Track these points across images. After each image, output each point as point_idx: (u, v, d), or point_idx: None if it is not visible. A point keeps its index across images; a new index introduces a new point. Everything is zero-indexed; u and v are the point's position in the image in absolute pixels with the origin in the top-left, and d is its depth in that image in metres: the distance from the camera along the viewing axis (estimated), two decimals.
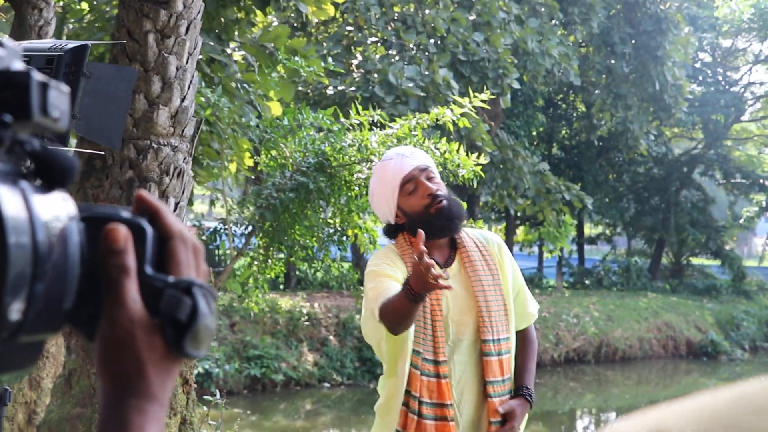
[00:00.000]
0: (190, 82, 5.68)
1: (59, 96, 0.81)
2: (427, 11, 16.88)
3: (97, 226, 0.88)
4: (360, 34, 17.01)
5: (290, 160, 8.27)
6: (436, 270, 3.47)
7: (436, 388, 3.80)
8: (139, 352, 0.89)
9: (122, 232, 0.88)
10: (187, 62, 5.65)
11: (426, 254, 3.43)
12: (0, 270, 0.74)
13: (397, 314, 3.64)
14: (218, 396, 8.12)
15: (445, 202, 3.81)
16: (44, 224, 0.79)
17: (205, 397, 8.07)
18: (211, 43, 8.17)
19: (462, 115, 8.42)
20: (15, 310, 0.76)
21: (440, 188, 3.85)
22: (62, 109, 0.82)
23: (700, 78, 34.18)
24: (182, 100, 5.62)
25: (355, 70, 15.96)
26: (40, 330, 0.81)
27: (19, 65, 0.81)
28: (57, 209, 0.82)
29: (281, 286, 21.13)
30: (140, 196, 0.94)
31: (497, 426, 3.79)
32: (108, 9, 9.31)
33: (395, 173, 3.86)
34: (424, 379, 3.82)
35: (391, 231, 4.01)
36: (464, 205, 4.11)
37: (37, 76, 0.79)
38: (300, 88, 14.61)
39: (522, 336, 4.02)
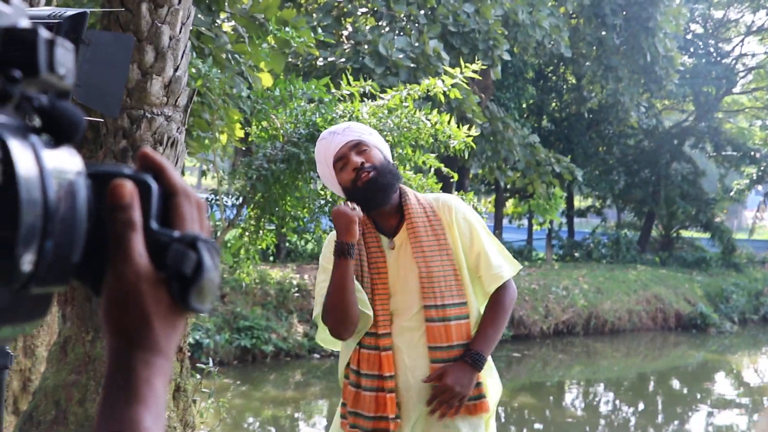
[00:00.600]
0: (183, 51, 5.68)
1: (65, 53, 0.83)
2: None
3: (104, 182, 0.89)
4: (350, 5, 16.95)
5: (281, 131, 8.27)
6: (344, 207, 3.64)
7: (376, 360, 3.86)
8: (145, 305, 0.91)
9: (128, 187, 0.89)
10: (180, 32, 5.65)
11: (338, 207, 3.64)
12: (13, 223, 0.75)
13: (338, 290, 3.73)
14: (211, 364, 8.15)
15: (370, 173, 3.81)
16: (54, 179, 0.80)
17: (198, 364, 8.10)
18: (201, 16, 8.16)
19: (453, 86, 8.43)
20: (27, 262, 0.77)
21: (370, 159, 3.84)
22: (68, 66, 0.83)
23: (692, 50, 34.11)
24: (175, 70, 5.62)
25: (346, 42, 15.93)
26: (50, 282, 0.83)
27: (25, 23, 0.82)
28: (65, 164, 0.84)
29: (271, 258, 21.13)
30: (145, 153, 0.95)
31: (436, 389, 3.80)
32: None
33: (327, 153, 3.91)
34: (363, 352, 3.89)
35: (347, 196, 3.99)
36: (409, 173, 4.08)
37: (44, 33, 0.80)
38: (290, 60, 14.57)
39: (490, 299, 3.97)
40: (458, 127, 7.83)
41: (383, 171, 3.84)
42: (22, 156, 0.77)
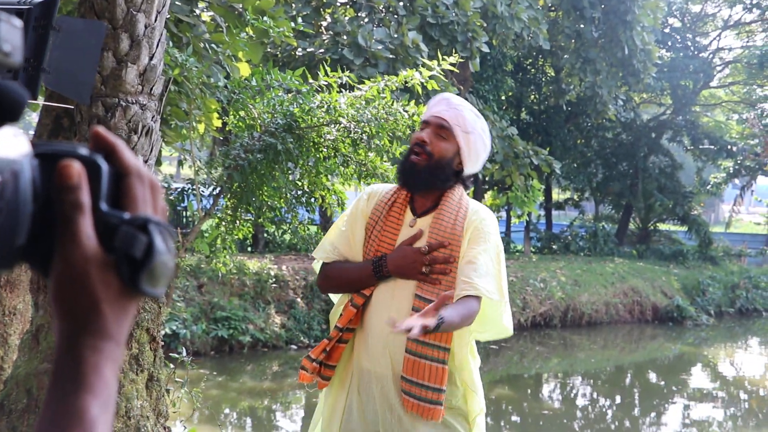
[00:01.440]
0: (159, 40, 5.66)
1: (10, 30, 0.80)
2: None
3: (52, 163, 0.87)
4: None
5: (258, 121, 8.26)
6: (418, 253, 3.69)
7: (347, 315, 3.91)
8: (93, 289, 0.89)
9: (76, 168, 0.87)
10: (155, 20, 5.62)
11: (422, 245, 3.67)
12: None
13: (348, 283, 3.91)
14: (184, 353, 8.13)
15: (420, 157, 3.84)
16: None
17: (171, 354, 8.08)
18: (179, 3, 8.12)
19: (430, 77, 8.42)
20: None
21: (436, 146, 3.84)
22: (14, 43, 0.81)
23: (669, 43, 34.18)
24: (151, 58, 5.59)
25: (324, 32, 15.90)
26: None
27: None
28: (8, 145, 0.82)
29: (249, 249, 21.10)
30: (96, 132, 0.93)
31: (405, 382, 3.77)
32: None
33: (429, 108, 3.97)
34: (350, 309, 3.93)
35: None
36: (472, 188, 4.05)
37: None
38: (268, 50, 14.53)
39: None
40: None
41: (433, 166, 3.85)
42: None
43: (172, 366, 7.67)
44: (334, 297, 4.20)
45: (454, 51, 10.30)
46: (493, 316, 3.97)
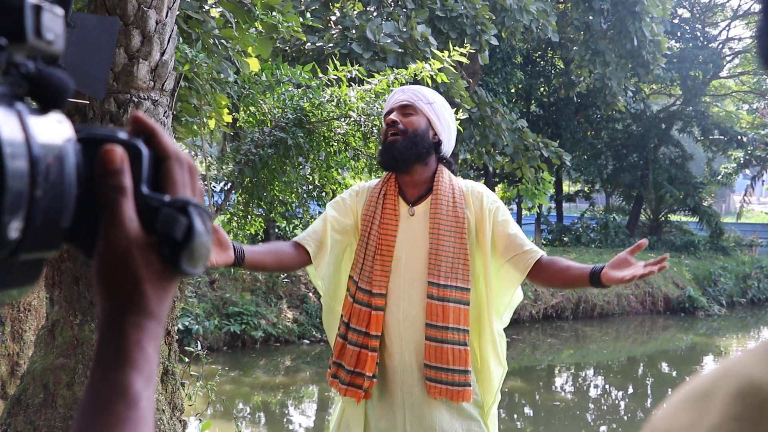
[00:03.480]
0: (170, 36, 5.68)
1: (53, 18, 0.82)
2: None
3: (94, 147, 0.89)
4: None
5: (269, 116, 8.28)
6: None
7: (366, 317, 3.89)
8: (135, 269, 0.91)
9: (118, 152, 0.89)
10: (166, 16, 5.64)
11: None
12: None
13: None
14: (199, 347, 8.15)
15: (396, 136, 3.90)
16: (40, 145, 0.80)
17: (186, 348, 8.10)
18: (188, 0, 8.14)
19: (440, 70, 8.43)
20: (14, 229, 0.78)
21: (407, 123, 3.92)
22: (56, 31, 0.83)
23: (679, 34, 34.10)
24: (162, 54, 5.62)
25: (333, 27, 15.89)
26: (39, 248, 0.83)
27: None
28: (53, 130, 0.84)
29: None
30: (136, 117, 0.95)
31: (430, 369, 3.81)
32: None
33: (387, 104, 4.06)
34: (356, 307, 3.92)
35: None
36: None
37: None
38: (278, 45, 14.54)
39: (548, 272, 3.90)
40: None
41: (410, 139, 3.90)
42: (6, 123, 0.77)
43: (186, 360, 7.70)
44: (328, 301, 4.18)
45: (463, 44, 10.30)
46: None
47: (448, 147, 4.04)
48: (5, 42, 0.79)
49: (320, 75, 8.60)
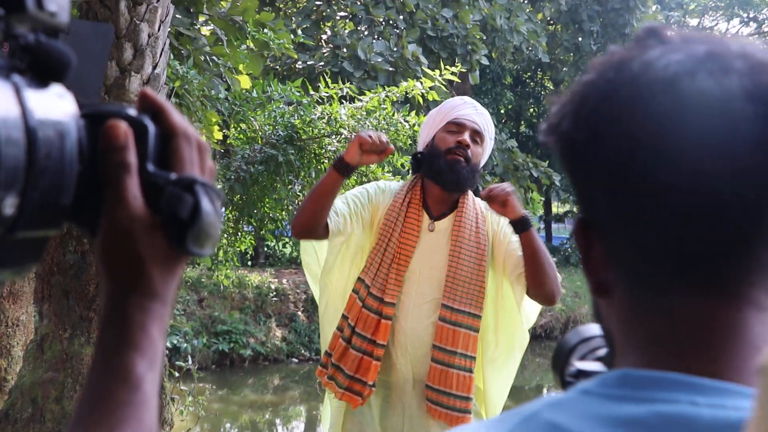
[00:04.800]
0: (162, 49, 5.68)
1: None
2: None
3: (99, 123, 0.86)
4: (329, 9, 16.94)
5: (259, 133, 8.28)
6: (366, 132, 3.54)
7: (374, 324, 3.81)
8: (140, 250, 0.88)
9: (122, 128, 0.86)
10: (158, 30, 5.64)
11: (369, 137, 3.54)
12: None
13: (319, 193, 3.65)
14: (190, 362, 8.12)
15: (462, 159, 3.77)
16: (38, 120, 0.77)
17: (177, 363, 8.07)
18: (179, 17, 8.15)
19: (431, 88, 8.45)
20: (9, 205, 0.74)
21: (475, 152, 3.82)
22: (60, 2, 0.81)
23: None
24: (154, 68, 5.62)
25: (324, 45, 15.92)
26: (38, 226, 0.80)
27: None
28: (53, 104, 0.80)
29: (250, 262, 21.09)
30: (144, 93, 0.92)
31: (432, 391, 3.75)
32: None
33: (455, 109, 3.87)
34: (363, 311, 3.84)
35: (414, 163, 3.99)
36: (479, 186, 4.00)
37: None
38: (269, 63, 14.55)
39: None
40: None
41: (471, 169, 3.81)
42: (1, 95, 0.74)
43: (177, 374, 7.66)
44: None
45: (454, 64, 10.34)
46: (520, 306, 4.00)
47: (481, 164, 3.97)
48: (3, 12, 0.76)
49: (311, 92, 8.61)
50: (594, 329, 1.27)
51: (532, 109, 31.49)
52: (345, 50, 14.99)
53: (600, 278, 0.88)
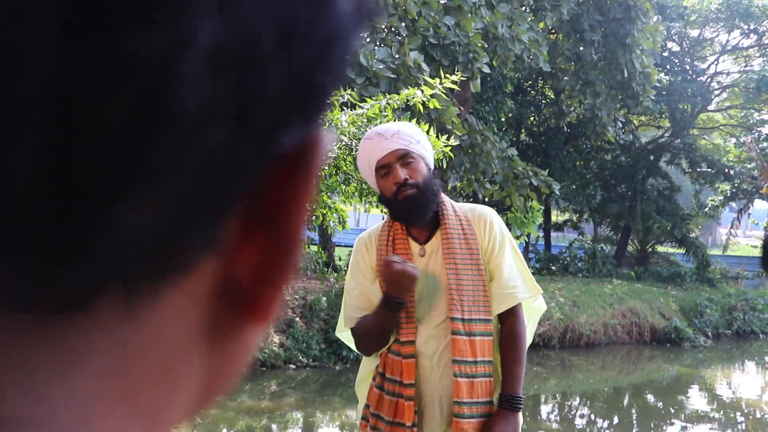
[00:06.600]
0: None
1: None
2: None
3: None
4: None
5: None
6: (401, 265, 3.55)
7: (398, 366, 3.81)
8: None
9: None
10: None
11: (391, 261, 3.57)
12: None
13: (376, 328, 3.75)
14: None
15: (411, 191, 3.72)
16: None
17: None
18: None
19: (432, 96, 8.45)
20: None
21: (414, 174, 3.74)
22: None
23: (668, 67, 34.27)
24: None
25: None
26: None
27: None
28: None
29: None
30: None
31: (461, 406, 3.75)
32: None
33: (371, 156, 3.78)
34: (389, 357, 3.85)
35: (382, 201, 3.94)
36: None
37: None
38: None
39: (504, 329, 3.92)
40: (437, 137, 7.85)
41: (425, 190, 3.75)
42: None
43: None
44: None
45: (455, 71, 10.35)
46: (527, 305, 4.04)
47: (432, 165, 3.93)
48: None
49: None
50: None
51: (532, 118, 31.51)
52: None
53: None
